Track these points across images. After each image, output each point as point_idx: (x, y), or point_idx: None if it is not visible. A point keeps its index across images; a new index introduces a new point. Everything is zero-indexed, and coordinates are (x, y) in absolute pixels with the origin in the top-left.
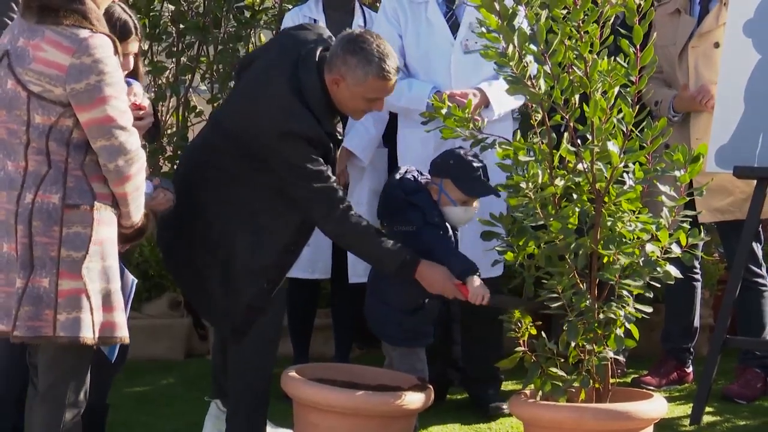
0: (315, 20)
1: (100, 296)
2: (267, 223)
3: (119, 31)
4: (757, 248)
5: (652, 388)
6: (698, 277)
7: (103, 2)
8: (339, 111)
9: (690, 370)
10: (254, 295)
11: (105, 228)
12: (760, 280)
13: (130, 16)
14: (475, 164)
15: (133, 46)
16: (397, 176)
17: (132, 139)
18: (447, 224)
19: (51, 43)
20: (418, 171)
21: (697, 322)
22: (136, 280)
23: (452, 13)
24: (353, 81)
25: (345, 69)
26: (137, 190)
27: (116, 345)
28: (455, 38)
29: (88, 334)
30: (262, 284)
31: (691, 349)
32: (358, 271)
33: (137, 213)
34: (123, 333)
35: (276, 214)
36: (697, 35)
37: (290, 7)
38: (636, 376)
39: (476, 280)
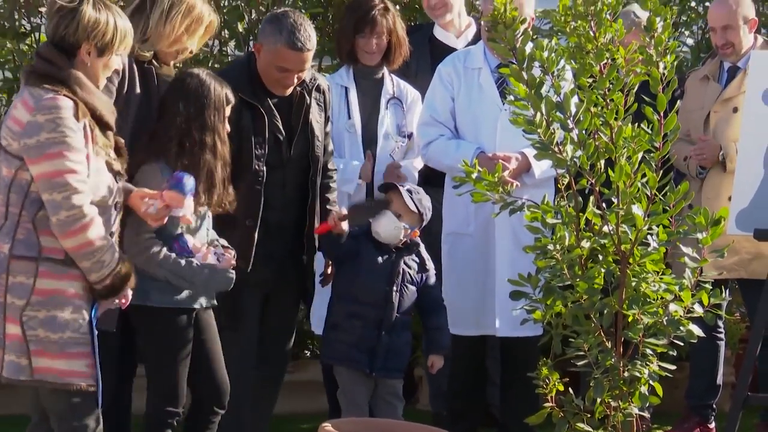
0: (346, 88)
1: (44, 343)
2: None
3: (225, 100)
4: None
5: None
6: (722, 336)
7: (100, 68)
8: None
9: (713, 426)
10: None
11: (50, 280)
12: None
13: (226, 86)
14: None
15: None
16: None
17: (79, 197)
18: (378, 251)
19: (22, 102)
20: None
21: (720, 380)
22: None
23: (503, 80)
24: (267, 48)
25: (262, 37)
26: (87, 247)
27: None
28: (504, 104)
29: (22, 377)
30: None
31: (714, 406)
32: None
33: (94, 272)
34: (68, 380)
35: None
36: (719, 101)
37: (326, 75)
38: (660, 431)
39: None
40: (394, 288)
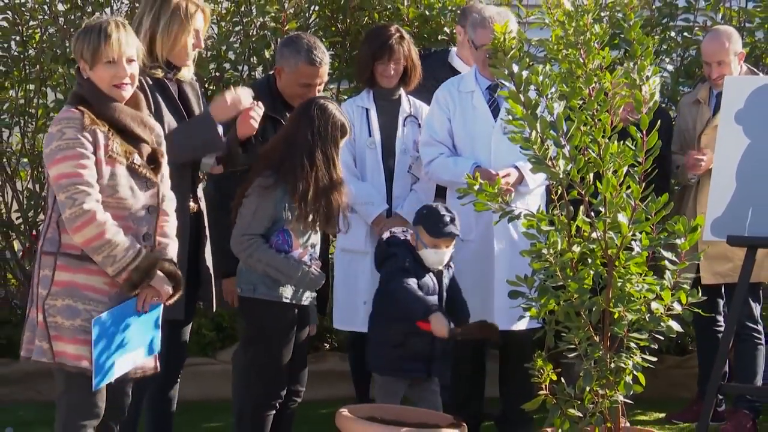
0: (367, 109)
1: (60, 329)
2: None
3: (340, 131)
4: (755, 307)
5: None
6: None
7: (102, 79)
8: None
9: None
10: None
11: (66, 273)
12: (755, 334)
13: (344, 115)
14: (442, 213)
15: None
16: (385, 236)
17: (81, 197)
18: (424, 271)
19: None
20: (405, 230)
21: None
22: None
23: (494, 101)
24: (288, 69)
25: (282, 60)
26: (95, 241)
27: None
28: (496, 122)
29: (42, 358)
30: None
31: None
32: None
33: (107, 266)
34: (77, 363)
35: None
36: (709, 126)
37: (345, 98)
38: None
39: (438, 317)
40: (443, 303)
